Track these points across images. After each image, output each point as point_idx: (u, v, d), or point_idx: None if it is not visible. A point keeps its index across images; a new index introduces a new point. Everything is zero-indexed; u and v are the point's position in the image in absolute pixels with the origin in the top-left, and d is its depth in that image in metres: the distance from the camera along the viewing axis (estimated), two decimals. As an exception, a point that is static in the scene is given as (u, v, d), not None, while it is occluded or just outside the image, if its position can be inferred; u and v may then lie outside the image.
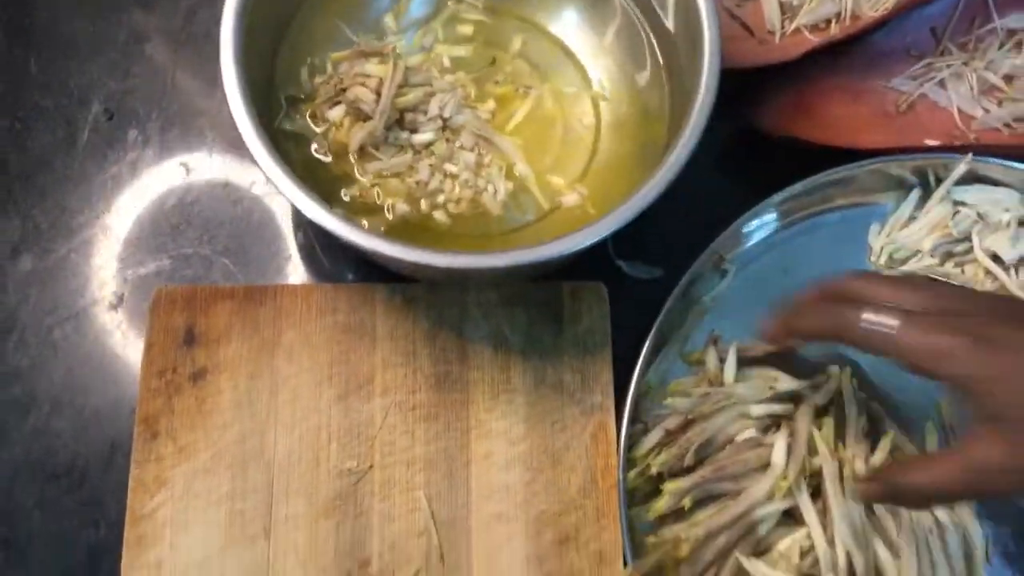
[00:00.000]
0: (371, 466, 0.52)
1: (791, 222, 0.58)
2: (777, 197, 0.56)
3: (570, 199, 0.52)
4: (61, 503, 0.53)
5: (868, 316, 0.43)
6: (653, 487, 0.51)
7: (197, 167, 0.59)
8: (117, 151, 0.59)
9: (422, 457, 0.52)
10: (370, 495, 0.52)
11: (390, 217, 0.52)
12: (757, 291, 0.57)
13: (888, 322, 0.43)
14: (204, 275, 0.57)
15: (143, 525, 0.51)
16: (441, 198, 0.52)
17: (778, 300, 0.49)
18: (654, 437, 0.51)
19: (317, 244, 0.58)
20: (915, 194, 0.58)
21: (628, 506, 0.50)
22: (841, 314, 0.45)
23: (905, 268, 0.57)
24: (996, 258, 0.55)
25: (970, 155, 0.55)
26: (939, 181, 0.57)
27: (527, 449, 0.53)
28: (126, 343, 0.56)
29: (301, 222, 0.59)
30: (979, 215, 0.56)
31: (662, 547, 0.49)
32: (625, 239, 0.58)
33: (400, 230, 0.51)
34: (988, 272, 0.55)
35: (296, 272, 0.58)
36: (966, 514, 0.50)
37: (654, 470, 0.51)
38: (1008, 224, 0.55)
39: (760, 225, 0.57)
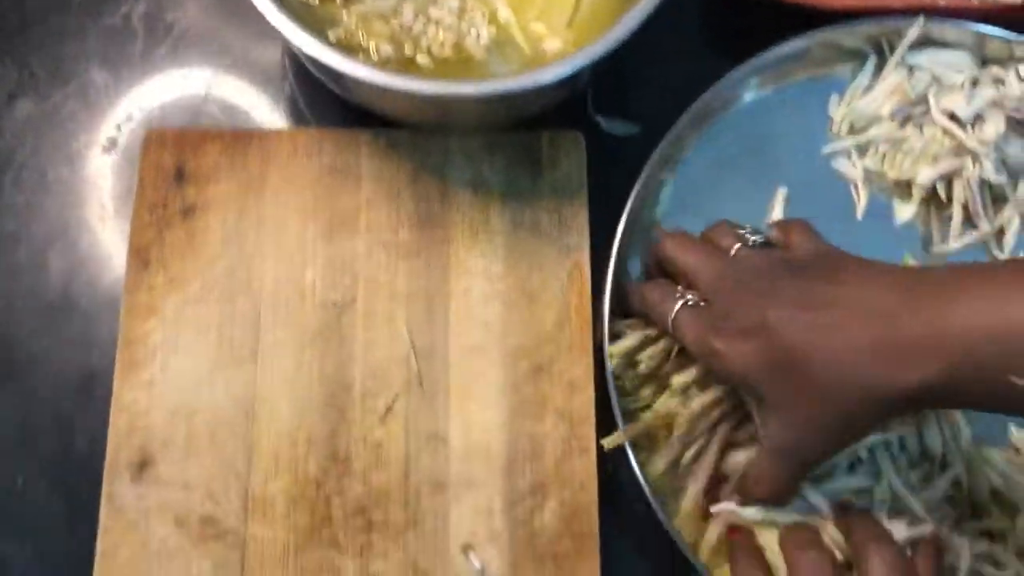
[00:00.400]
0: (354, 299, 0.54)
1: (754, 98, 0.60)
2: (737, 72, 0.57)
3: (553, 45, 0.54)
4: (55, 332, 0.55)
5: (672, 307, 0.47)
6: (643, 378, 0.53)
7: (188, 21, 0.60)
8: (111, 5, 0.60)
9: (404, 292, 0.55)
10: (353, 326, 0.54)
11: (375, 59, 0.53)
12: (721, 168, 0.59)
13: (669, 313, 0.47)
14: (193, 122, 0.59)
15: (135, 349, 0.53)
16: (424, 41, 0.54)
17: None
18: (635, 339, 0.53)
19: (301, 96, 0.60)
20: (871, 63, 0.59)
21: (620, 395, 0.52)
22: (655, 301, 0.49)
23: (867, 135, 0.59)
24: (953, 117, 0.57)
25: (921, 17, 0.57)
26: (892, 49, 0.59)
27: (505, 286, 0.55)
28: (118, 184, 0.58)
29: (287, 74, 0.61)
30: (934, 77, 0.58)
31: (656, 419, 0.50)
32: (603, 96, 0.60)
33: (384, 72, 0.53)
34: (946, 131, 0.58)
35: (281, 123, 0.60)
36: None
37: (642, 367, 0.52)
38: (962, 84, 0.58)
39: (723, 101, 0.59)
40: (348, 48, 0.53)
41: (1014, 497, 0.50)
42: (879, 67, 0.59)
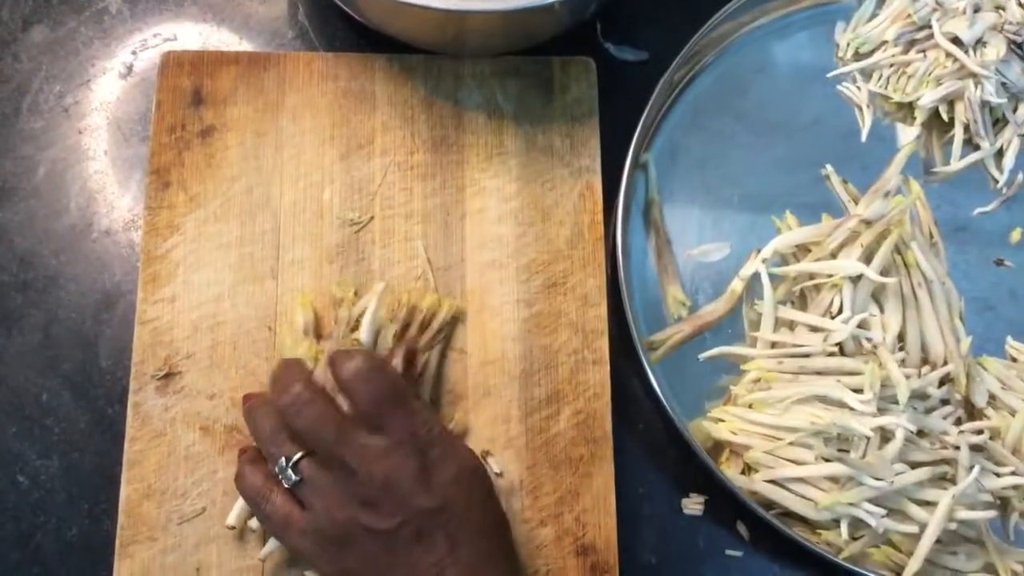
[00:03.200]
0: (372, 218, 0.56)
1: (762, 24, 0.62)
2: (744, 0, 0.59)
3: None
4: (75, 252, 0.56)
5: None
6: None
7: (201, -51, 0.61)
8: (123, -68, 0.61)
9: (420, 211, 0.56)
10: (371, 243, 0.55)
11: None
12: (728, 93, 0.61)
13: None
14: (207, 48, 0.60)
15: (157, 265, 0.54)
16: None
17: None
18: None
19: (311, 25, 0.61)
20: (875, -10, 0.62)
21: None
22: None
23: (872, 59, 0.61)
24: (956, 40, 0.59)
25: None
26: (896, -24, 0.61)
27: (519, 205, 0.56)
28: (135, 108, 0.58)
29: (297, 2, 0.61)
30: (937, 2, 0.60)
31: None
32: (612, 24, 0.61)
33: None
34: (949, 55, 0.59)
35: (291, 51, 0.61)
36: (942, 271, 0.55)
37: None
38: (964, 9, 0.59)
39: (730, 27, 0.61)
40: (363, -30, 0.54)
41: (1010, 401, 0.52)
42: (883, -5, 0.61)
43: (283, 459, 0.46)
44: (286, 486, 0.46)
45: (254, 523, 0.49)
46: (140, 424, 0.51)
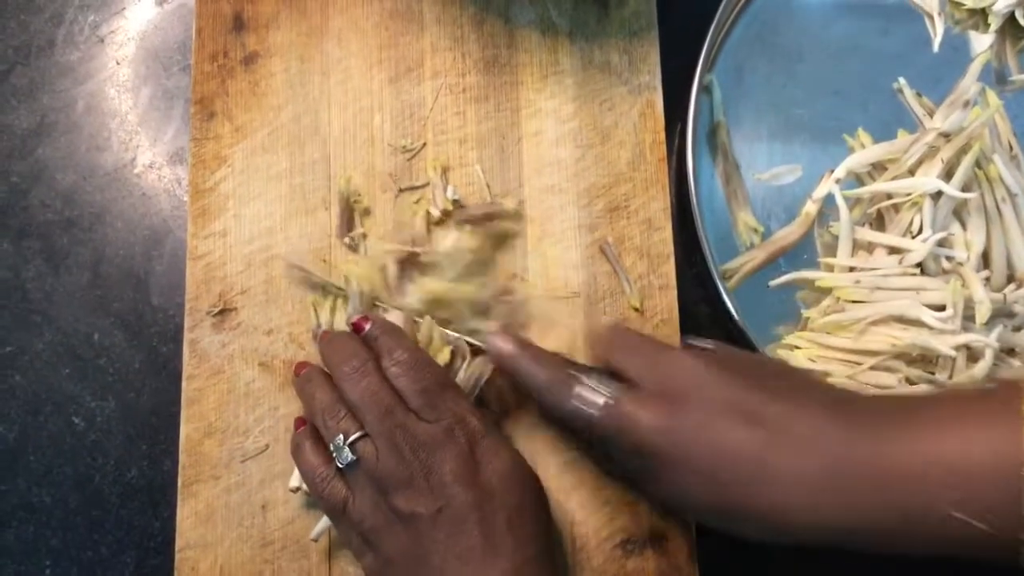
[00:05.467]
0: (424, 144, 0.53)
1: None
2: None
3: None
4: (119, 187, 0.54)
5: (578, 392, 0.44)
6: None
7: None
8: None
9: (474, 136, 0.54)
10: (425, 171, 0.53)
11: None
12: (792, 8, 0.58)
13: (595, 401, 0.43)
14: (247, -29, 0.57)
15: (206, 198, 0.52)
16: None
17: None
18: None
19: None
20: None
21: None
22: (559, 381, 0.44)
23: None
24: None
25: None
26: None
27: (577, 126, 0.54)
28: (174, 37, 0.56)
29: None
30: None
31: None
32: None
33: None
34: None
35: (338, -27, 0.58)
36: None
37: None
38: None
39: None
40: None
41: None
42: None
43: (340, 436, 0.44)
44: (339, 465, 0.44)
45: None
46: (197, 362, 0.50)
